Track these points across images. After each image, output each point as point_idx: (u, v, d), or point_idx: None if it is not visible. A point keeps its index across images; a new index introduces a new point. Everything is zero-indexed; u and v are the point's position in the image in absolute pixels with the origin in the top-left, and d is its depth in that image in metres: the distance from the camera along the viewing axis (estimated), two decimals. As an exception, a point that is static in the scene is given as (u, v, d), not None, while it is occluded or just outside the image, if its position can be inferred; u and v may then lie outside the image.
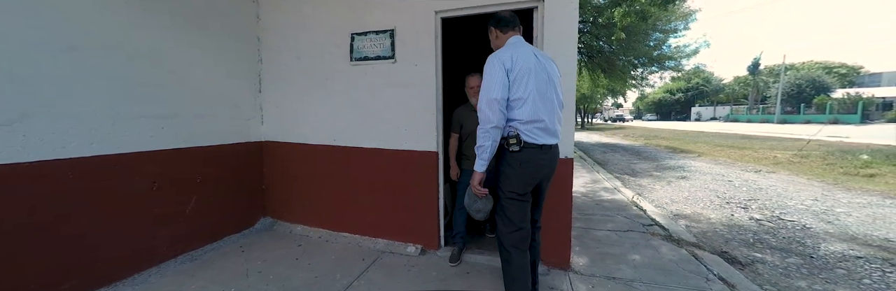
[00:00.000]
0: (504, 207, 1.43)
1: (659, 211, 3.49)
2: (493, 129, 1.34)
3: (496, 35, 1.55)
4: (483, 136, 1.35)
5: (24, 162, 1.46)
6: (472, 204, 1.55)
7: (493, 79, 1.34)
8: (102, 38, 1.71)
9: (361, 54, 2.29)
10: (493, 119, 1.33)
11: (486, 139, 1.35)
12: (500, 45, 1.52)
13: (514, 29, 1.51)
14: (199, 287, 1.79)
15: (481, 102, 1.35)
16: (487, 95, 1.33)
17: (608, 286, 1.85)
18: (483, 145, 1.36)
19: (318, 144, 2.53)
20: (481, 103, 1.35)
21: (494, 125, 1.34)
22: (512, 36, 1.51)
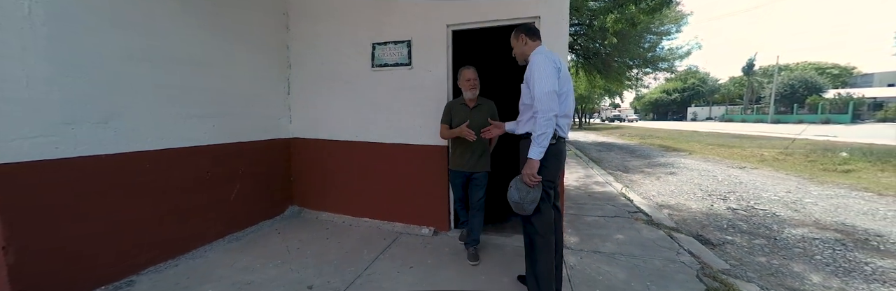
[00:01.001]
0: (550, 196, 1.54)
1: (645, 201, 3.84)
2: (554, 118, 1.44)
3: (525, 41, 1.68)
4: (545, 124, 1.43)
5: (117, 153, 1.79)
6: (527, 196, 1.49)
7: (548, 74, 1.47)
8: (170, 51, 2.04)
9: (382, 61, 2.63)
10: (554, 107, 1.44)
11: (548, 126, 1.43)
12: (527, 52, 1.65)
13: (539, 39, 1.69)
14: (250, 260, 2.13)
15: (539, 93, 1.44)
16: (545, 88, 1.44)
17: (594, 257, 2.20)
18: (545, 132, 1.43)
19: (342, 140, 2.87)
20: (540, 94, 1.44)
21: (555, 113, 1.45)
22: (539, 44, 1.68)
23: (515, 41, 1.72)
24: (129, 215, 1.86)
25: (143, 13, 1.91)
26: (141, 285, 1.81)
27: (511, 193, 1.54)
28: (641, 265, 2.10)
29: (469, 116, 2.12)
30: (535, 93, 1.47)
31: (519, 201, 1.51)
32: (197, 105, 2.22)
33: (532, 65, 1.53)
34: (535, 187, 1.50)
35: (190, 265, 2.05)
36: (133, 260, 1.88)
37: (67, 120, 1.60)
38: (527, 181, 1.49)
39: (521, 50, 1.71)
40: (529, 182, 1.48)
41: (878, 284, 2.12)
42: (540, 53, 1.57)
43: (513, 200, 1.53)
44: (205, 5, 2.24)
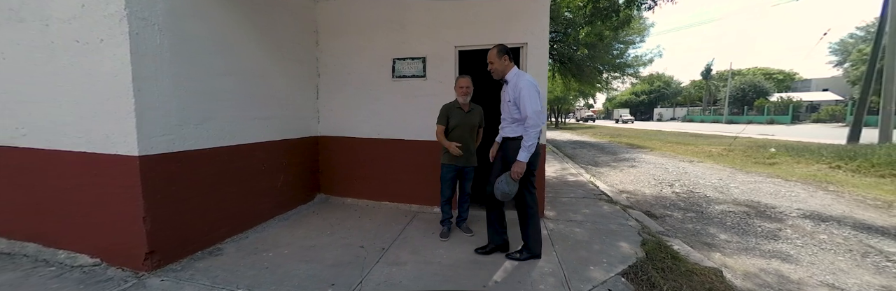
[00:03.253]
0: (531, 183, 2.13)
1: (609, 188, 4.69)
2: (539, 131, 1.94)
3: (506, 61, 2.07)
4: (535, 135, 1.92)
5: (209, 147, 2.32)
6: (513, 188, 1.99)
7: (537, 96, 1.96)
8: (242, 66, 2.57)
9: (401, 73, 3.25)
10: (542, 123, 1.95)
11: (537, 137, 1.93)
12: (505, 70, 2.08)
13: (513, 61, 2.14)
14: (304, 232, 2.70)
15: (530, 112, 1.91)
16: (536, 107, 1.93)
17: (567, 224, 2.95)
18: (535, 142, 1.93)
19: (365, 137, 3.46)
20: (530, 112, 1.91)
21: (542, 127, 1.95)
22: (514, 66, 2.11)
23: (497, 58, 2.08)
24: (216, 196, 2.38)
25: (228, 38, 2.44)
26: (227, 249, 2.34)
27: (501, 187, 1.99)
28: (601, 228, 2.87)
29: (465, 118, 2.59)
30: (529, 112, 1.91)
31: (508, 192, 2.00)
32: (257, 109, 2.75)
33: (521, 88, 1.94)
34: (518, 181, 2.00)
35: (258, 236, 2.60)
36: (218, 231, 2.41)
37: (180, 122, 2.12)
38: (515, 177, 1.97)
39: (501, 67, 2.09)
40: (517, 178, 1.97)
41: (762, 238, 3.00)
42: (524, 78, 1.99)
43: (504, 191, 1.99)
44: (262, 27, 2.77)
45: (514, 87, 2.01)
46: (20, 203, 2.25)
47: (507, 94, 2.08)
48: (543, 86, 2.96)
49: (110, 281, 1.87)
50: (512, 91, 2.02)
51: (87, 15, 1.88)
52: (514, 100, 2.00)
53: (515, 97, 1.99)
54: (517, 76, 2.03)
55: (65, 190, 2.10)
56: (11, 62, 2.14)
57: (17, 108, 2.17)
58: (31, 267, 2.02)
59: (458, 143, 2.48)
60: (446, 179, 2.65)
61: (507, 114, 2.12)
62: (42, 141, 2.12)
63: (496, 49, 2.10)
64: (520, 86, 1.97)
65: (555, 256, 2.28)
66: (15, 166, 2.23)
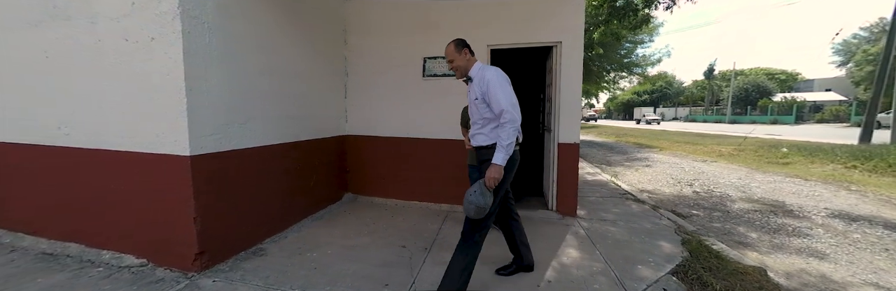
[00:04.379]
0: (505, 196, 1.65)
1: (628, 187, 4.69)
2: (517, 128, 1.59)
3: (468, 56, 1.76)
4: (512, 133, 1.56)
5: (250, 147, 2.31)
6: (489, 199, 1.56)
7: (508, 89, 1.64)
8: (279, 65, 2.55)
9: (432, 72, 3.23)
10: (518, 117, 1.59)
11: (514, 135, 1.57)
12: (469, 66, 1.76)
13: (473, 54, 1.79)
14: (341, 232, 2.69)
15: (505, 104, 1.56)
16: (511, 100, 1.59)
17: (600, 222, 2.94)
18: (512, 141, 1.57)
19: (392, 136, 3.45)
20: (505, 105, 1.56)
21: (518, 121, 1.58)
22: (476, 60, 1.80)
23: (457, 55, 1.75)
24: (257, 195, 2.37)
25: (268, 37, 2.42)
26: (270, 249, 2.33)
27: (473, 199, 1.55)
28: (635, 227, 2.86)
29: None
30: (503, 105, 1.57)
31: (483, 205, 1.55)
32: (292, 108, 2.73)
33: (489, 81, 1.62)
34: (493, 190, 1.59)
35: (296, 236, 2.58)
36: (259, 231, 2.40)
37: (226, 121, 2.10)
38: (490, 185, 1.57)
39: (463, 64, 1.76)
40: (492, 185, 1.57)
41: (795, 237, 3.00)
42: (490, 70, 1.68)
43: (477, 205, 1.55)
44: (297, 26, 2.75)
45: (480, 81, 1.68)
46: (62, 203, 2.24)
47: (473, 92, 1.74)
48: (577, 88, 2.95)
49: (162, 282, 1.86)
50: (478, 86, 1.69)
51: (137, 13, 1.86)
52: (482, 95, 1.67)
53: (483, 92, 1.66)
54: (482, 70, 1.73)
55: (110, 191, 2.09)
56: (55, 61, 2.12)
57: (59, 107, 2.15)
58: (77, 268, 2.00)
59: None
60: (474, 179, 2.64)
61: (477, 114, 1.75)
62: (85, 140, 2.11)
63: (453, 44, 1.77)
64: (487, 78, 1.65)
65: (599, 255, 2.27)
66: (56, 166, 2.21)
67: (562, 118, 3.02)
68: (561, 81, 2.96)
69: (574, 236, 2.63)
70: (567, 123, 3.01)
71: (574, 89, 2.95)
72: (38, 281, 1.85)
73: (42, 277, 1.88)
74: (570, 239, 2.58)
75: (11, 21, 2.18)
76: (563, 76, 2.94)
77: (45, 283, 1.83)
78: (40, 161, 2.25)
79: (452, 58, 1.79)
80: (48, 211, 2.28)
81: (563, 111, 3.00)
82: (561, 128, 3.03)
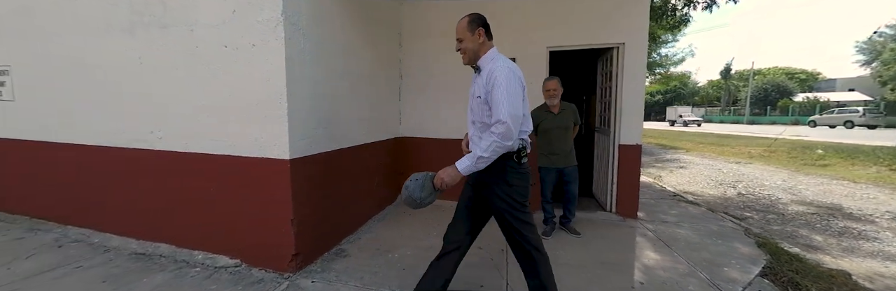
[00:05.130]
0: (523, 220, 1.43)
1: (672, 189, 4.64)
2: (507, 145, 1.28)
3: (482, 38, 1.41)
4: (497, 151, 1.29)
5: (333, 149, 2.35)
6: (428, 197, 1.44)
7: (518, 93, 1.31)
8: (353, 68, 2.60)
9: (488, 75, 3.26)
10: (515, 134, 1.27)
11: (497, 153, 1.30)
12: (482, 52, 1.42)
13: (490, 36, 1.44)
14: (410, 233, 2.72)
15: (504, 116, 1.24)
16: (513, 111, 1.25)
17: (663, 224, 2.92)
18: (490, 158, 1.30)
19: (445, 138, 3.48)
20: (505, 117, 1.24)
21: (513, 141, 1.28)
22: (494, 47, 1.44)
23: (468, 33, 1.41)
24: (335, 197, 2.42)
25: (346, 41, 2.48)
26: (350, 250, 2.37)
27: (413, 190, 1.40)
28: (701, 228, 2.84)
29: (556, 121, 2.59)
30: (501, 115, 1.25)
31: (417, 198, 1.40)
32: (364, 110, 2.78)
33: (496, 81, 1.28)
34: (437, 191, 1.43)
35: (370, 236, 2.62)
36: (337, 232, 2.45)
37: (315, 125, 2.15)
38: (438, 184, 1.38)
39: (474, 46, 1.42)
40: (440, 186, 1.39)
41: (863, 240, 2.94)
42: (501, 63, 1.34)
43: (411, 196, 1.40)
44: (366, 29, 2.80)
45: (487, 77, 1.33)
46: (153, 205, 2.31)
47: (478, 87, 1.41)
48: (640, 89, 2.95)
49: (263, 283, 1.90)
50: (484, 82, 1.35)
51: (238, 21, 1.92)
52: (485, 95, 1.34)
53: (487, 91, 1.32)
54: (493, 61, 1.38)
55: (203, 193, 2.15)
56: (149, 67, 2.20)
57: (154, 112, 2.23)
58: (175, 268, 2.07)
59: None
60: (546, 181, 2.68)
61: (478, 115, 1.43)
62: (180, 144, 2.17)
63: (467, 19, 1.43)
64: (495, 74, 1.30)
65: (679, 257, 2.26)
66: (149, 168, 2.29)
67: (623, 120, 3.01)
68: (623, 83, 2.96)
69: (644, 238, 2.62)
70: (629, 125, 3.01)
71: (637, 91, 2.94)
72: (143, 281, 1.91)
73: (146, 277, 1.95)
74: (641, 241, 2.57)
75: (108, 29, 2.27)
76: (627, 77, 2.94)
77: (151, 283, 1.89)
78: (133, 164, 2.33)
79: (462, 37, 1.43)
80: (139, 213, 2.36)
81: (625, 113, 3.00)
82: (622, 129, 3.02)
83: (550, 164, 2.62)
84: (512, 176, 1.41)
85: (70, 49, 2.43)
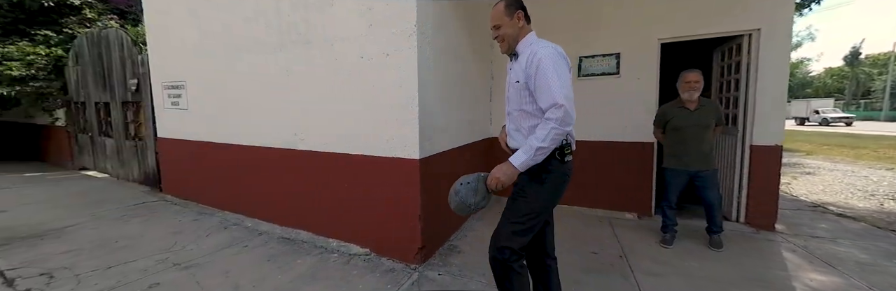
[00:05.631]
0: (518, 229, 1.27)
1: (806, 198, 3.92)
2: (566, 132, 1.17)
3: (520, 22, 1.32)
4: (556, 139, 1.17)
5: (447, 150, 2.47)
6: (481, 201, 1.31)
7: (566, 75, 1.21)
8: (464, 72, 2.71)
9: (588, 71, 3.12)
10: (573, 119, 1.16)
11: (557, 141, 1.18)
12: (520, 36, 1.34)
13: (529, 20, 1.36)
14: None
15: (560, 99, 1.15)
16: (567, 92, 1.16)
17: (815, 240, 2.48)
18: (550, 147, 1.18)
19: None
20: (560, 99, 1.15)
21: (572, 126, 1.17)
22: (532, 31, 1.36)
23: (506, 18, 1.32)
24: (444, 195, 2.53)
25: (458, 47, 2.60)
26: (461, 246, 2.46)
27: (461, 192, 1.29)
28: (871, 247, 2.35)
29: (691, 118, 2.34)
30: (556, 98, 1.15)
31: (469, 203, 1.28)
32: (465, 112, 2.88)
33: (541, 62, 1.20)
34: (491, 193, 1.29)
35: (474, 234, 2.70)
36: (448, 227, 2.57)
37: (436, 127, 2.28)
38: (492, 185, 1.26)
39: (513, 31, 1.33)
40: (495, 186, 1.26)
41: None
42: (545, 47, 1.25)
43: (463, 201, 1.29)
44: (469, 33, 2.89)
45: (529, 61, 1.24)
46: (295, 197, 2.67)
47: (515, 73, 1.32)
48: (783, 82, 2.56)
49: (395, 272, 2.07)
50: (524, 67, 1.26)
51: (374, 33, 2.13)
52: (526, 80, 1.25)
53: (529, 75, 1.24)
54: (532, 44, 1.30)
55: (340, 188, 2.42)
56: (294, 78, 2.55)
57: (296, 117, 2.58)
58: (318, 253, 2.37)
59: None
60: (672, 184, 2.44)
61: (516, 103, 1.34)
62: (319, 145, 2.48)
63: (504, 2, 1.34)
64: (539, 56, 1.21)
65: (853, 279, 1.90)
66: (292, 165, 2.65)
67: (757, 117, 2.64)
68: (758, 75, 2.59)
69: (794, 254, 2.26)
70: (766, 123, 2.62)
71: (779, 83, 2.56)
72: (297, 262, 2.22)
73: (299, 259, 2.26)
74: (791, 257, 2.22)
75: (261, 47, 2.69)
76: (763, 68, 2.57)
77: (303, 264, 2.19)
78: (278, 161, 2.73)
79: (499, 23, 1.34)
80: (283, 203, 2.76)
81: (760, 109, 2.62)
82: (756, 128, 2.65)
83: (680, 166, 2.37)
84: (549, 175, 1.28)
85: (229, 65, 2.94)
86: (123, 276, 2.01)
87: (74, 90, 4.81)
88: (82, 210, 3.32)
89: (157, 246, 2.45)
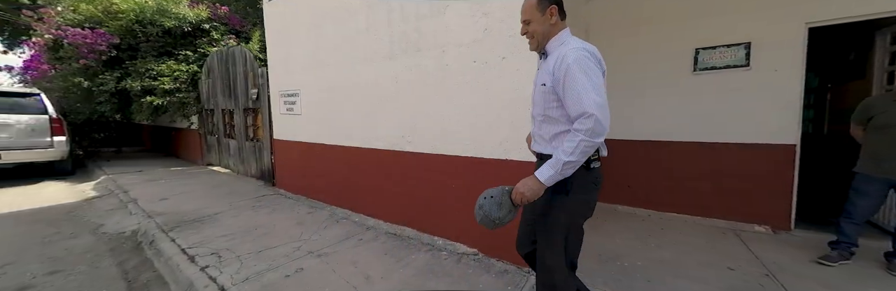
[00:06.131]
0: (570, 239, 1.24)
1: None
2: (597, 143, 1.08)
3: (553, 18, 1.23)
4: (585, 151, 1.08)
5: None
6: (507, 215, 1.22)
7: (598, 80, 1.11)
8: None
9: (707, 64, 2.80)
10: (605, 128, 1.07)
11: (586, 154, 1.09)
12: (552, 33, 1.25)
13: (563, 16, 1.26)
14: (625, 243, 2.57)
15: (590, 107, 1.06)
16: (599, 99, 1.07)
17: None
18: (578, 161, 1.09)
19: (638, 139, 3.16)
20: (591, 108, 1.06)
21: (603, 137, 1.08)
22: (567, 28, 1.26)
23: (538, 14, 1.23)
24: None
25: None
26: (566, 250, 2.40)
27: (489, 209, 1.21)
28: None
29: None
30: (585, 106, 1.06)
31: (496, 217, 1.20)
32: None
33: (570, 62, 1.11)
34: (517, 207, 1.22)
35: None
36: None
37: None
38: (517, 200, 1.18)
39: (545, 28, 1.24)
40: (520, 201, 1.17)
41: None
42: (579, 47, 1.15)
43: (488, 215, 1.21)
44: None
45: (558, 63, 1.15)
46: (401, 195, 2.85)
47: (542, 75, 1.24)
48: None
49: (508, 274, 2.09)
50: (551, 69, 1.17)
51: (490, 38, 2.16)
52: (553, 83, 1.17)
53: (556, 79, 1.15)
54: (564, 44, 1.21)
55: (448, 188, 2.51)
56: (404, 84, 2.70)
57: (406, 121, 2.73)
58: (428, 250, 2.49)
59: None
60: (864, 193, 2.02)
61: (541, 108, 1.25)
62: (428, 147, 2.60)
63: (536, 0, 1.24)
64: (567, 57, 1.12)
65: None
66: (401, 166, 2.82)
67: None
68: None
69: None
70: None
71: None
72: (412, 257, 2.36)
73: (412, 254, 2.40)
74: None
75: (372, 57, 2.91)
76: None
77: (419, 260, 2.31)
78: (385, 162, 2.93)
79: (530, 18, 1.25)
80: (389, 200, 2.96)
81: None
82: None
83: (881, 173, 1.97)
84: (575, 185, 1.19)
85: (340, 74, 3.23)
86: (273, 260, 2.33)
87: (205, 99, 5.75)
88: (220, 200, 3.95)
89: (288, 235, 2.80)
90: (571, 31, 1.29)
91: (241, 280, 2.04)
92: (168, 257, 2.43)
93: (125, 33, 5.55)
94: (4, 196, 4.34)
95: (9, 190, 4.71)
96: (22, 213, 3.62)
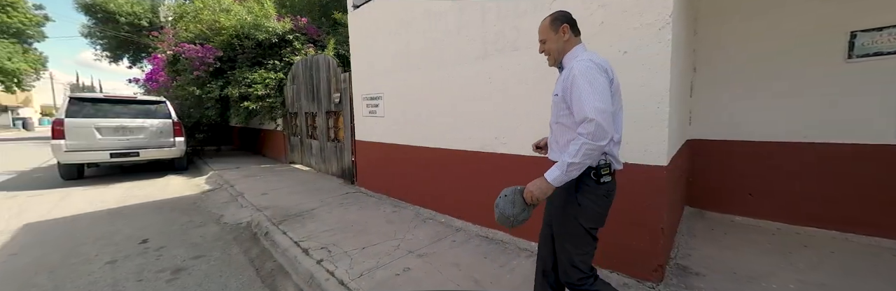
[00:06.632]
0: (579, 245, 1.34)
1: None
2: (601, 147, 1.16)
3: (566, 35, 1.37)
4: (588, 154, 1.16)
5: (675, 151, 2.18)
6: (521, 214, 1.32)
7: (602, 87, 1.19)
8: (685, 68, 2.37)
9: (870, 50, 2.32)
10: (608, 132, 1.16)
11: (589, 156, 1.17)
12: (567, 49, 1.39)
13: (580, 34, 1.42)
14: (754, 259, 2.24)
15: (590, 112, 1.15)
16: (599, 104, 1.16)
17: None
18: (582, 163, 1.18)
19: (767, 140, 2.73)
20: (590, 113, 1.15)
21: (607, 140, 1.16)
22: (581, 43, 1.41)
23: (552, 32, 1.38)
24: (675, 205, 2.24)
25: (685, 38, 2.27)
26: (695, 268, 2.15)
27: (503, 207, 1.33)
28: None
29: None
30: (586, 111, 1.16)
31: (510, 215, 1.31)
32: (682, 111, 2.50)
33: (575, 73, 1.23)
34: (529, 208, 1.32)
35: (700, 253, 2.33)
36: (665, 245, 2.26)
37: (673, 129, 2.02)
38: (527, 198, 1.28)
39: (559, 46, 1.39)
40: (530, 200, 1.27)
41: None
42: (586, 59, 1.27)
43: (503, 213, 1.33)
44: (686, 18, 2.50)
45: (566, 74, 1.30)
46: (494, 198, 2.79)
47: (556, 86, 1.38)
48: None
49: (628, 288, 1.92)
50: (562, 80, 1.33)
51: (606, 31, 1.99)
52: (562, 92, 1.30)
53: (565, 88, 1.28)
54: (576, 57, 1.33)
55: (546, 191, 2.40)
56: (497, 84, 2.64)
57: (498, 122, 2.68)
58: (526, 256, 2.40)
59: None
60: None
61: (554, 117, 1.40)
62: (519, 148, 2.52)
63: (549, 18, 1.40)
64: (574, 70, 1.24)
65: None
66: (494, 168, 2.76)
67: None
68: None
69: None
70: None
71: None
72: (513, 263, 2.29)
73: (513, 260, 2.34)
74: None
75: (462, 58, 2.90)
76: None
77: (521, 266, 2.24)
78: (476, 163, 2.90)
79: (545, 38, 1.42)
80: (479, 203, 2.92)
81: None
82: None
83: None
84: (584, 197, 1.30)
85: (427, 77, 3.27)
86: (378, 258, 2.43)
87: (290, 103, 6.31)
88: (311, 196, 4.28)
89: (382, 233, 2.91)
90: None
91: (357, 276, 2.14)
92: (284, 248, 2.66)
93: (226, 47, 6.30)
94: (146, 188, 5.19)
95: (146, 181, 5.64)
96: (162, 202, 4.29)
